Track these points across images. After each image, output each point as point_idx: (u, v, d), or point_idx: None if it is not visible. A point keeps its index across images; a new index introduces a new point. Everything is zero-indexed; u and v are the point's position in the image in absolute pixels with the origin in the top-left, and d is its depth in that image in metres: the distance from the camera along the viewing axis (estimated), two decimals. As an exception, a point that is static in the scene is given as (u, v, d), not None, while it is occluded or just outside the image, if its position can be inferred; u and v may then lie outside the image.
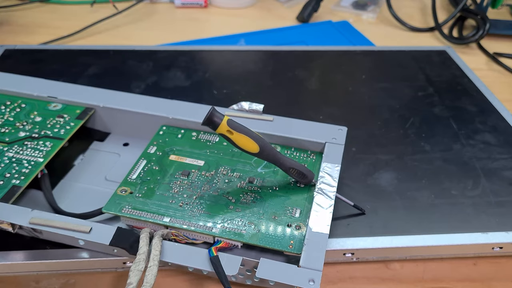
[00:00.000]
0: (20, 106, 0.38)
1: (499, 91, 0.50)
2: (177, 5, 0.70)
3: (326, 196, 0.30)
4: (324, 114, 0.43)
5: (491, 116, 0.44)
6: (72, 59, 0.50)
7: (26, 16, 0.65)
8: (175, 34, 0.62)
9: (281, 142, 0.35)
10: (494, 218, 0.33)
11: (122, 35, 0.61)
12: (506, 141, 0.40)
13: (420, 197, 0.34)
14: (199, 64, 0.51)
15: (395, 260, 0.32)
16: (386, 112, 0.44)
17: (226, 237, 0.28)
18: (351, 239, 0.31)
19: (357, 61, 0.53)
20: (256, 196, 0.31)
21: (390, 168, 0.37)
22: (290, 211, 0.30)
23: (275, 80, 0.49)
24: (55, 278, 0.30)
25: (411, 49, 0.56)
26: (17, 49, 0.52)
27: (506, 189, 0.35)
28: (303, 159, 0.34)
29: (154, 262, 0.25)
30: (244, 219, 0.29)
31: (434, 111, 0.44)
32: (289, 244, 0.28)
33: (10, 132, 0.35)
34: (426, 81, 0.49)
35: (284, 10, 0.71)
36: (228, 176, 0.32)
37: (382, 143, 0.40)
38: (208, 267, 0.26)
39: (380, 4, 0.72)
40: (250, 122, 0.35)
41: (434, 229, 0.31)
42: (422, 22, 0.68)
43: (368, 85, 0.49)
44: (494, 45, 0.61)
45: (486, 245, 0.31)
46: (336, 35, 0.63)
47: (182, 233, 0.28)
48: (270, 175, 0.33)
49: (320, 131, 0.35)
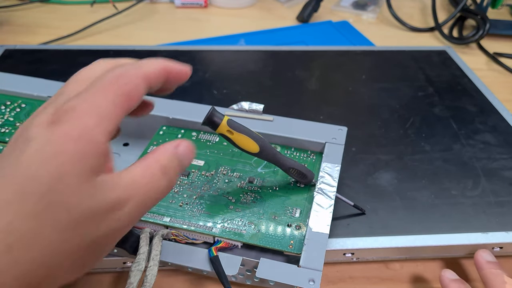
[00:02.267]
0: (20, 106, 0.38)
1: (499, 91, 0.50)
2: (177, 5, 0.70)
3: (326, 196, 0.30)
4: (324, 114, 0.43)
5: (491, 116, 0.44)
6: (72, 59, 0.51)
7: (26, 16, 0.65)
8: (175, 34, 0.62)
9: (281, 142, 0.35)
10: (494, 218, 0.33)
11: (122, 35, 0.61)
12: (506, 141, 0.40)
13: (420, 197, 0.34)
14: (199, 64, 0.51)
15: (395, 260, 0.32)
16: (386, 112, 0.44)
17: (226, 237, 0.28)
18: (351, 239, 0.31)
19: (357, 61, 0.54)
20: (256, 196, 0.31)
21: (390, 168, 0.37)
22: (290, 211, 0.30)
23: (275, 80, 0.49)
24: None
25: (411, 49, 0.56)
26: (17, 49, 0.52)
27: (506, 189, 0.35)
28: (303, 159, 0.34)
29: (154, 262, 0.25)
30: (244, 219, 0.29)
31: (434, 111, 0.44)
32: (289, 244, 0.28)
33: (10, 132, 0.35)
34: (426, 81, 0.49)
35: (284, 10, 0.71)
36: (228, 176, 0.32)
37: (382, 143, 0.40)
38: (208, 267, 0.26)
39: (380, 4, 0.72)
40: (250, 122, 0.35)
41: (434, 229, 0.31)
42: (422, 22, 0.68)
43: (368, 85, 0.49)
44: (494, 45, 0.61)
45: (486, 245, 0.31)
46: (336, 35, 0.63)
47: (182, 233, 0.28)
48: (270, 175, 0.33)
49: (320, 131, 0.35)
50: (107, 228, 0.18)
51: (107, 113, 0.18)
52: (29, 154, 0.17)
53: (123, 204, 0.18)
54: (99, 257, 0.19)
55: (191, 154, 0.21)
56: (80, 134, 0.17)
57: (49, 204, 0.16)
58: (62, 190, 0.16)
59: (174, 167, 0.20)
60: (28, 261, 0.16)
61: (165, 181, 0.20)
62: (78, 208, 0.17)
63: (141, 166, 0.19)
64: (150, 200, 0.19)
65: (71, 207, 0.17)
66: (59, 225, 0.17)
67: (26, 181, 0.16)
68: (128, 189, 0.18)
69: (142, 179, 0.19)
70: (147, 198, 0.19)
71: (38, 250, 0.16)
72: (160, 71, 0.21)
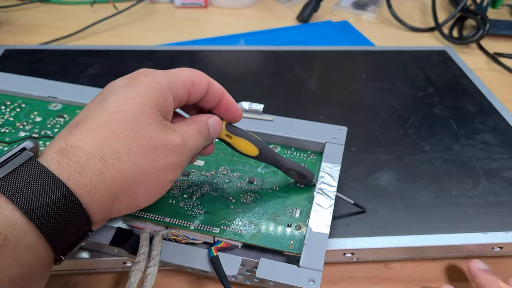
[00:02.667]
0: (20, 106, 0.38)
1: (499, 91, 0.50)
2: (177, 5, 0.70)
3: (326, 196, 0.30)
4: (324, 114, 0.43)
5: (491, 116, 0.44)
6: (72, 59, 0.50)
7: (26, 16, 0.65)
8: (175, 34, 0.62)
9: (281, 142, 0.35)
10: (494, 218, 0.33)
11: (122, 35, 0.61)
12: (506, 141, 0.40)
13: (420, 197, 0.34)
14: (199, 64, 0.51)
15: (395, 260, 0.32)
16: (386, 112, 0.44)
17: (226, 237, 0.28)
18: (351, 239, 0.31)
19: (357, 61, 0.53)
20: (256, 196, 0.31)
21: (390, 168, 0.37)
22: (290, 211, 0.30)
23: (275, 80, 0.49)
24: (55, 278, 0.30)
25: (411, 49, 0.56)
26: (17, 49, 0.52)
27: (506, 189, 0.35)
28: (303, 159, 0.34)
29: (154, 262, 0.25)
30: (244, 219, 0.29)
31: (434, 111, 0.44)
32: (289, 244, 0.28)
33: (10, 132, 0.35)
34: (426, 81, 0.49)
35: (284, 10, 0.71)
36: (228, 176, 0.32)
37: (382, 143, 0.40)
38: (208, 267, 0.26)
39: (380, 4, 0.72)
40: (250, 122, 0.35)
41: (434, 229, 0.31)
42: (422, 22, 0.68)
43: (368, 85, 0.49)
44: (494, 45, 0.61)
45: (486, 245, 0.31)
46: (336, 35, 0.63)
47: (182, 233, 0.28)
48: (270, 175, 0.33)
49: (320, 131, 0.35)
50: (175, 159, 0.23)
51: (175, 80, 0.24)
52: (115, 96, 0.22)
53: (185, 144, 0.23)
54: (165, 187, 0.24)
55: (218, 126, 0.26)
56: (154, 86, 0.23)
57: (132, 130, 0.21)
58: (141, 121, 0.22)
59: (205, 131, 0.25)
60: (117, 171, 0.21)
61: (200, 138, 0.25)
62: (154, 137, 0.22)
63: (186, 125, 0.25)
64: (195, 147, 0.25)
65: (148, 135, 0.22)
66: (141, 147, 0.22)
67: (112, 113, 0.22)
68: (185, 135, 0.24)
69: (190, 131, 0.24)
70: (194, 145, 0.24)
71: (125, 162, 0.21)
72: (220, 90, 0.26)
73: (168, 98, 0.23)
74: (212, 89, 0.26)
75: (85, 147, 0.20)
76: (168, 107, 0.23)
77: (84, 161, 0.20)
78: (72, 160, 0.20)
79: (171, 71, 0.24)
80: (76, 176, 0.20)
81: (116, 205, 0.22)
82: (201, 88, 0.25)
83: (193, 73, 0.25)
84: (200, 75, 0.25)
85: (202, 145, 0.25)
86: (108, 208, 0.22)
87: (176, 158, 0.23)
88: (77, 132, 0.21)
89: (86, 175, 0.20)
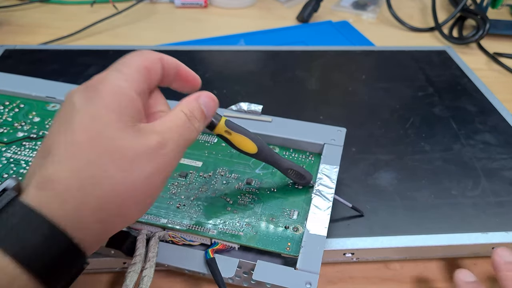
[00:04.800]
0: (19, 106, 0.38)
1: (499, 91, 0.49)
2: (177, 5, 0.70)
3: (324, 198, 0.29)
4: (324, 114, 0.43)
5: (491, 116, 0.44)
6: (72, 59, 0.50)
7: (26, 16, 0.65)
8: (175, 34, 0.62)
9: (279, 143, 0.35)
10: (494, 218, 0.33)
11: (122, 35, 0.61)
12: (506, 141, 0.40)
13: (420, 197, 0.34)
14: (199, 64, 0.51)
15: (395, 260, 0.32)
16: (386, 112, 0.44)
17: (223, 239, 0.28)
18: (351, 239, 0.30)
19: (357, 61, 0.53)
20: (254, 198, 0.31)
21: (390, 168, 0.37)
22: (288, 213, 0.30)
23: (275, 80, 0.49)
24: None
25: (411, 49, 0.56)
26: (17, 49, 0.52)
27: (506, 189, 0.35)
28: (301, 160, 0.34)
29: (151, 264, 0.25)
30: (241, 221, 0.29)
31: (434, 111, 0.44)
32: (287, 246, 0.27)
33: (9, 133, 0.35)
34: (426, 81, 0.49)
35: (284, 10, 0.71)
36: (226, 177, 0.32)
37: (382, 143, 0.40)
38: (205, 269, 0.26)
39: (380, 4, 0.72)
40: (248, 123, 0.35)
41: (434, 229, 0.31)
42: (422, 22, 0.68)
43: (368, 85, 0.48)
44: (494, 45, 0.61)
45: (486, 245, 0.31)
46: (336, 35, 0.63)
47: (179, 235, 0.28)
48: (268, 176, 0.33)
49: (319, 132, 0.35)
50: (157, 163, 0.21)
51: (133, 78, 0.22)
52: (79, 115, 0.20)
53: (164, 144, 0.21)
54: (157, 191, 0.22)
55: (212, 103, 0.25)
56: (115, 91, 0.21)
57: (104, 149, 0.20)
58: (111, 136, 0.20)
59: (198, 114, 0.24)
60: (99, 197, 0.19)
61: (192, 125, 0.23)
62: (129, 149, 0.20)
63: (170, 115, 0.23)
64: (184, 140, 0.23)
65: (122, 149, 0.20)
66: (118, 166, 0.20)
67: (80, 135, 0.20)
68: (165, 132, 0.22)
69: (173, 124, 0.22)
70: (181, 138, 0.22)
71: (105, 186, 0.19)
72: (173, 63, 0.25)
73: (133, 97, 0.21)
74: (166, 65, 0.24)
75: (61, 179, 0.19)
76: (136, 106, 0.22)
77: (64, 194, 0.19)
78: (51, 195, 0.19)
79: (121, 66, 0.22)
80: (59, 211, 0.19)
81: (109, 227, 0.21)
82: (157, 69, 0.23)
83: (143, 57, 0.23)
84: (150, 57, 0.23)
85: (198, 129, 0.24)
86: (100, 233, 0.21)
87: (158, 161, 0.21)
88: (50, 163, 0.20)
89: (69, 208, 0.19)
